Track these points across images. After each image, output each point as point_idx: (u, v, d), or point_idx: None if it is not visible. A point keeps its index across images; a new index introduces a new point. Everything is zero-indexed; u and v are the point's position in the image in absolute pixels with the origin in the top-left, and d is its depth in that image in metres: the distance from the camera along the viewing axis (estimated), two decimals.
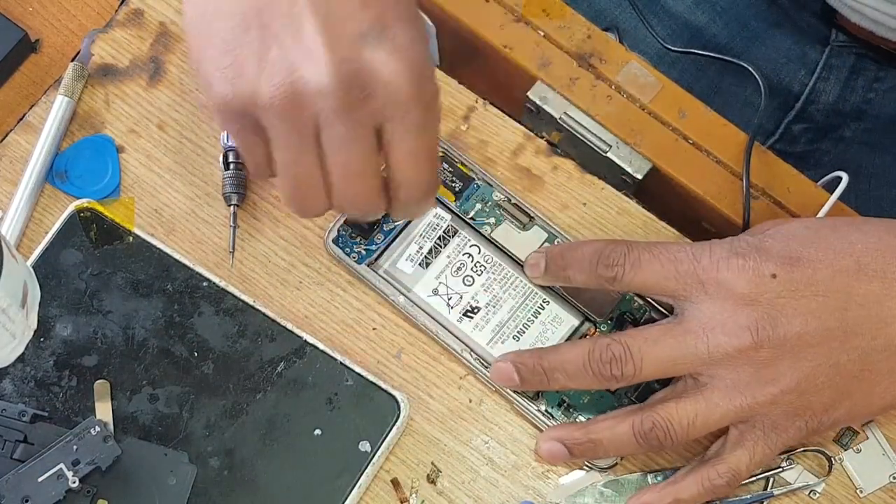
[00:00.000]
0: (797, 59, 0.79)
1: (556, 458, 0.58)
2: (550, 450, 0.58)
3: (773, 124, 0.81)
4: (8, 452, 0.56)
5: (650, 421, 0.55)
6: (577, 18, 0.67)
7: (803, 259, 0.54)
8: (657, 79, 0.66)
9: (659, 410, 0.55)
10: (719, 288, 0.54)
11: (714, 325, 0.54)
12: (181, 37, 0.66)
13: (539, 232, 0.62)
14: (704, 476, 0.56)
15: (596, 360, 0.56)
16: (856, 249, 0.55)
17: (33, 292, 0.57)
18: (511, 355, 0.59)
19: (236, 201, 0.62)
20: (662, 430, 0.55)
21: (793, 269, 0.54)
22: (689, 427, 0.55)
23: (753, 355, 0.54)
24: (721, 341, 0.54)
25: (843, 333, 0.54)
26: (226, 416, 0.59)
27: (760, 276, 0.54)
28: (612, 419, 0.57)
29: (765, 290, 0.54)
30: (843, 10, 0.75)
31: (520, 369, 0.58)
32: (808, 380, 0.54)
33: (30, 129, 0.64)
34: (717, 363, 0.54)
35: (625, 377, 0.56)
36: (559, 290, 0.61)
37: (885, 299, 0.54)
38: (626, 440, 0.56)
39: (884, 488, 0.60)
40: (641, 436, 0.56)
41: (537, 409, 0.60)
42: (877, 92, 0.79)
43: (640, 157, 0.64)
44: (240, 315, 0.60)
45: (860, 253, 0.54)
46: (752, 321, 0.54)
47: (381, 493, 0.59)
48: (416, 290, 0.61)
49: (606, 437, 0.57)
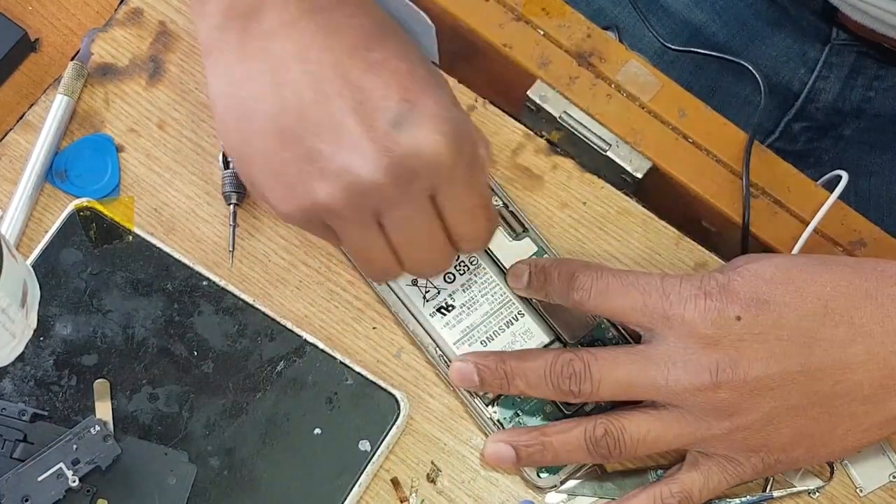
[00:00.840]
0: (797, 57, 0.79)
1: (502, 461, 0.58)
2: (497, 452, 0.58)
3: (772, 123, 0.81)
4: (8, 452, 0.56)
5: (602, 428, 0.56)
6: (577, 17, 0.67)
7: (770, 302, 0.54)
8: (657, 78, 0.66)
9: (613, 420, 0.56)
10: (684, 325, 0.54)
11: (675, 360, 0.54)
12: (181, 36, 0.65)
13: (529, 244, 0.62)
14: (657, 493, 0.56)
15: (557, 374, 0.56)
16: (825, 293, 0.54)
17: (33, 292, 0.57)
18: (472, 356, 0.58)
19: (236, 200, 0.62)
20: (613, 438, 0.55)
21: (758, 313, 0.54)
22: (640, 442, 0.55)
23: (712, 395, 0.54)
24: (680, 377, 0.54)
25: (804, 377, 0.54)
26: (226, 415, 0.59)
27: (725, 318, 0.54)
28: (564, 423, 0.57)
29: (728, 332, 0.54)
30: (845, 8, 0.75)
31: (481, 370, 0.58)
32: (765, 419, 0.54)
33: (29, 129, 0.64)
34: (675, 395, 0.54)
35: (581, 394, 0.56)
36: (536, 305, 0.61)
37: (849, 345, 0.54)
38: (576, 445, 0.56)
39: (884, 488, 0.60)
40: (592, 442, 0.56)
41: (489, 416, 0.60)
42: (877, 91, 0.79)
43: (639, 155, 0.64)
44: (239, 314, 0.60)
45: (829, 297, 0.54)
46: (713, 362, 0.54)
47: (381, 492, 0.59)
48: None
49: (557, 440, 0.57)
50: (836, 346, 0.54)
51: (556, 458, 0.57)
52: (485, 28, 0.66)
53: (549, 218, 0.63)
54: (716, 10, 0.80)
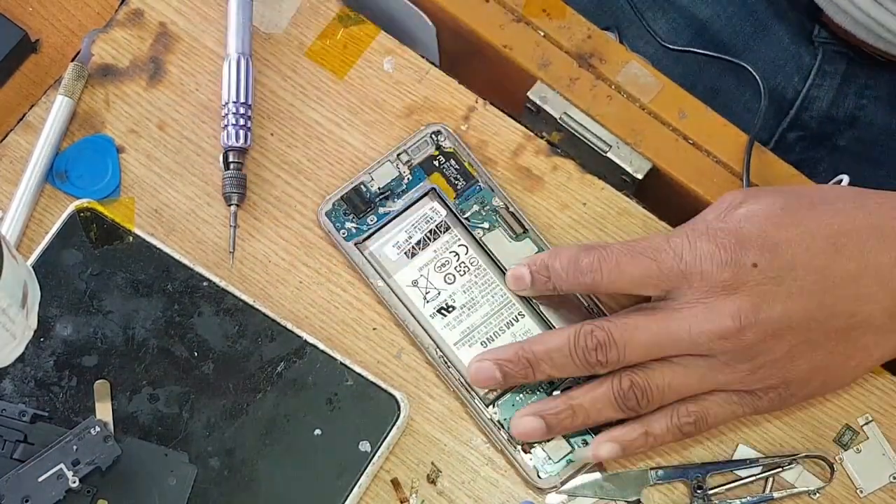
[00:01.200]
0: (792, 59, 0.79)
1: (533, 435, 0.58)
2: (525, 426, 0.58)
3: (767, 133, 0.81)
4: (8, 452, 0.56)
5: (628, 380, 0.56)
6: (577, 18, 0.67)
7: (781, 244, 0.55)
8: (657, 79, 0.66)
9: (638, 372, 0.56)
10: (703, 280, 0.55)
11: (697, 313, 0.55)
12: (181, 37, 0.66)
13: (530, 245, 0.62)
14: (674, 413, 0.57)
15: (581, 347, 0.56)
16: (832, 230, 0.55)
17: (33, 292, 0.57)
18: (488, 353, 0.59)
19: (236, 201, 0.62)
20: (640, 389, 0.56)
21: (773, 257, 0.55)
22: (667, 389, 0.56)
23: (736, 341, 0.55)
24: (705, 328, 0.55)
25: (822, 314, 0.55)
26: (226, 416, 0.59)
27: (742, 267, 0.55)
28: (588, 385, 0.58)
29: (746, 279, 0.55)
30: (829, 8, 0.75)
31: (502, 366, 0.58)
32: (786, 357, 0.55)
33: (30, 129, 0.64)
34: (700, 346, 0.55)
35: (609, 362, 0.56)
36: (536, 305, 0.61)
37: (860, 278, 0.55)
38: (605, 401, 0.57)
39: (884, 488, 0.60)
40: (620, 395, 0.56)
41: (489, 417, 0.60)
42: (868, 98, 0.79)
43: (640, 157, 0.64)
44: (240, 315, 0.60)
45: (836, 234, 0.55)
46: (735, 309, 0.54)
47: (381, 493, 0.59)
48: (397, 278, 0.61)
49: (585, 400, 0.57)
50: (848, 281, 0.55)
51: (587, 419, 0.58)
52: (485, 29, 0.66)
53: (549, 219, 0.63)
54: (721, 3, 0.80)
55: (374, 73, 0.66)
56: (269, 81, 0.65)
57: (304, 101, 0.65)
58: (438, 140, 0.63)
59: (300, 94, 0.65)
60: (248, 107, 0.63)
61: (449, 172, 0.63)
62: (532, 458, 0.59)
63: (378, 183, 0.63)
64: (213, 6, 0.66)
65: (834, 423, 0.61)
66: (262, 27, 0.66)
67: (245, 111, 0.63)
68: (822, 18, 0.77)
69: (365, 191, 0.63)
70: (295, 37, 0.66)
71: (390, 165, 0.63)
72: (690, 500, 0.59)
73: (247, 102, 0.63)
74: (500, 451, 0.60)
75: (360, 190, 0.63)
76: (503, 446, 0.59)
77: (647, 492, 0.60)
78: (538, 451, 0.59)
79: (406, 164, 0.63)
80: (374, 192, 0.63)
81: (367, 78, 0.65)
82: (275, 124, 0.64)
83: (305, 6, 0.66)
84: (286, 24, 0.66)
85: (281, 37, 0.66)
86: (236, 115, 0.63)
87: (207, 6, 0.66)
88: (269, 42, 0.66)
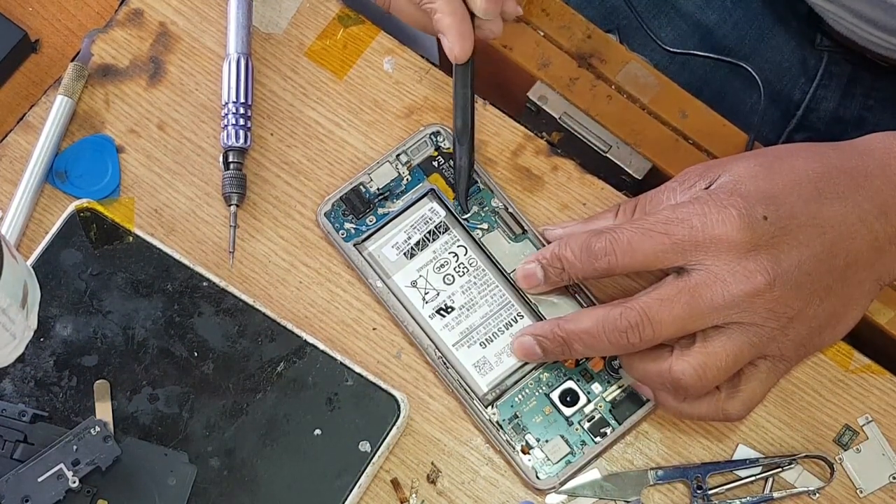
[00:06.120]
0: (798, 62, 0.79)
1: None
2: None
3: (775, 135, 0.81)
4: (8, 452, 0.56)
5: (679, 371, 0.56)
6: (578, 19, 0.67)
7: (778, 195, 0.55)
8: (657, 79, 0.66)
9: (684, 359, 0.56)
10: (719, 245, 0.55)
11: (725, 277, 0.54)
12: (181, 37, 0.66)
13: (529, 245, 0.62)
14: (717, 399, 0.57)
15: (612, 330, 0.56)
16: (810, 177, 0.56)
17: (33, 292, 0.57)
18: (528, 329, 0.59)
19: (236, 201, 0.62)
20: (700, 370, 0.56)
21: (776, 207, 0.55)
22: (722, 370, 0.56)
23: (768, 295, 0.55)
24: (736, 291, 0.54)
25: (826, 255, 0.56)
26: (226, 416, 0.59)
27: (755, 221, 0.55)
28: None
29: (761, 233, 0.55)
30: (828, 17, 0.75)
31: (541, 342, 0.58)
32: (809, 307, 0.56)
33: (30, 129, 0.64)
34: (735, 308, 0.55)
35: (643, 341, 0.56)
36: (535, 306, 0.61)
37: (846, 216, 0.56)
38: (655, 381, 0.57)
39: (884, 488, 0.60)
40: (671, 384, 0.56)
41: (488, 418, 0.60)
42: (875, 100, 0.79)
43: (640, 157, 0.64)
44: (240, 315, 0.60)
45: (816, 178, 0.56)
46: (760, 264, 0.54)
47: (381, 493, 0.59)
48: (396, 279, 0.61)
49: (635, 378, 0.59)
50: (837, 220, 0.56)
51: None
52: None
53: (549, 219, 0.63)
54: (726, 9, 0.80)
55: (374, 73, 0.66)
56: (268, 81, 0.65)
57: (303, 101, 0.65)
58: (438, 141, 0.63)
59: (300, 94, 0.65)
60: (247, 107, 0.63)
61: (448, 173, 0.63)
62: (531, 459, 0.59)
63: (377, 183, 0.63)
64: (213, 6, 0.66)
65: (834, 423, 0.61)
66: (262, 27, 0.66)
67: (245, 111, 0.63)
68: (824, 27, 0.77)
69: (364, 191, 0.63)
70: (295, 37, 0.66)
71: (389, 166, 0.63)
72: (690, 500, 0.60)
73: (247, 102, 0.63)
74: (499, 451, 0.60)
75: (360, 190, 0.63)
76: (502, 447, 0.59)
77: (646, 492, 0.60)
78: (537, 452, 0.59)
79: (405, 165, 0.63)
80: (373, 192, 0.63)
81: (366, 78, 0.65)
82: (275, 124, 0.64)
83: (305, 6, 0.66)
84: (286, 24, 0.66)
85: (281, 37, 0.66)
86: (236, 115, 0.63)
87: (207, 6, 0.66)
88: (269, 42, 0.66)
